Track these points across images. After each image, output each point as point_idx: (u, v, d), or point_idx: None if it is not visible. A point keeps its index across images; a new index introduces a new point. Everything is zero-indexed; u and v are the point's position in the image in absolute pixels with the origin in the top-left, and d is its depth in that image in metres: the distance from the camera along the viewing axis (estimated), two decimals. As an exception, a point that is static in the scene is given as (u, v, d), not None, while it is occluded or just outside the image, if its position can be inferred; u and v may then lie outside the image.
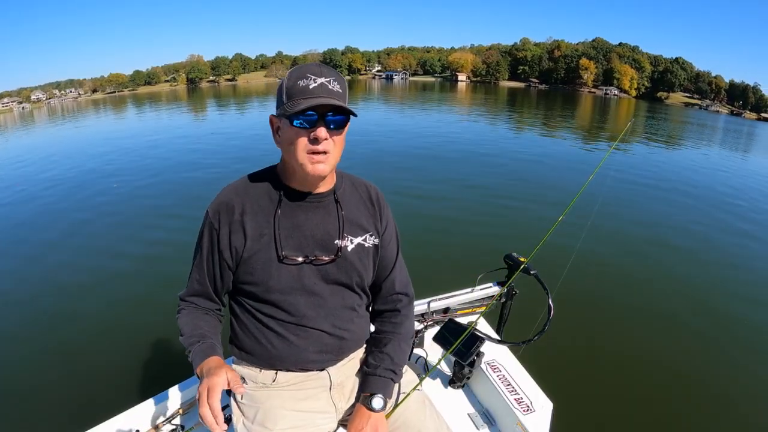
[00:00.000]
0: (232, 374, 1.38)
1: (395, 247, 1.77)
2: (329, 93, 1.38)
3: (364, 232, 1.63)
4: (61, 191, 11.15)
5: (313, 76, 1.37)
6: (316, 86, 1.36)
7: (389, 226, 1.73)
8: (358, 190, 1.68)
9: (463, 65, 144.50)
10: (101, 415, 2.03)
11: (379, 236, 1.68)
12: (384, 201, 1.74)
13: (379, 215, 1.70)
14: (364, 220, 1.65)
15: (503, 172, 12.79)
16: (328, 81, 1.38)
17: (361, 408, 1.59)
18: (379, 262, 1.71)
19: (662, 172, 14.34)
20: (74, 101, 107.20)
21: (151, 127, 27.31)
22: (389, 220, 1.73)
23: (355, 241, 1.60)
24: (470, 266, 1.92)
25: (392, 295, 1.79)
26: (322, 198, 1.56)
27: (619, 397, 3.94)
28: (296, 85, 1.37)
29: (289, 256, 1.51)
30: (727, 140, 33.65)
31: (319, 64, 1.42)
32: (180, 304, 1.65)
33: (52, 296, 5.74)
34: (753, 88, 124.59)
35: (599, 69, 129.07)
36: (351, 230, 1.60)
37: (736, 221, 9.68)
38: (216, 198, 1.55)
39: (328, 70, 1.41)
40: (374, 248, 1.66)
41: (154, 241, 7.48)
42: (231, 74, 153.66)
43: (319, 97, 1.35)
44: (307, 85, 1.36)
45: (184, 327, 1.58)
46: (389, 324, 1.77)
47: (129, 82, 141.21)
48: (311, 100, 1.34)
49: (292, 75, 1.40)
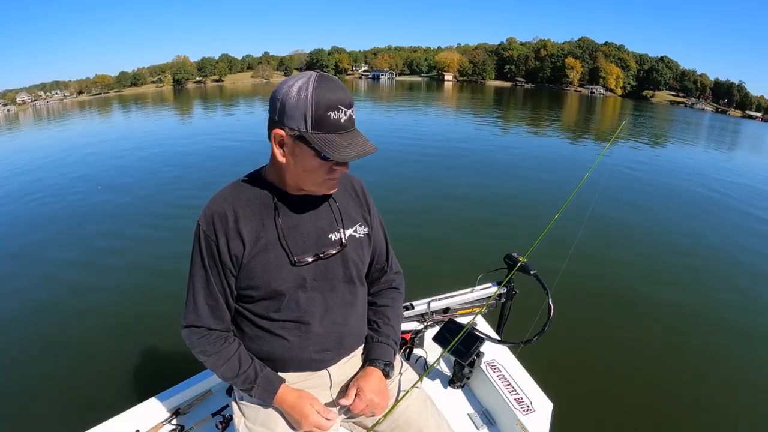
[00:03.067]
0: (319, 405, 1.55)
1: (382, 231, 1.81)
2: (353, 124, 1.37)
3: (354, 223, 1.65)
4: (45, 193, 11.05)
5: (344, 108, 1.32)
6: (347, 119, 1.34)
7: (374, 213, 1.76)
8: (342, 182, 1.67)
9: (450, 65, 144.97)
10: (101, 415, 2.02)
11: (368, 226, 1.69)
12: (366, 190, 1.76)
13: (366, 205, 1.72)
14: (353, 211, 1.66)
15: (500, 171, 12.92)
16: (352, 111, 1.36)
17: (372, 369, 1.64)
18: (372, 249, 1.73)
19: (655, 170, 14.54)
20: (60, 103, 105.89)
21: (137, 129, 27.08)
22: (373, 207, 1.77)
23: (348, 233, 1.60)
24: (470, 266, 1.92)
25: (387, 276, 1.85)
26: (314, 195, 1.54)
27: (619, 397, 3.95)
28: (327, 117, 1.31)
29: (300, 258, 1.50)
30: (718, 138, 34.34)
31: (344, 88, 1.34)
32: (191, 338, 1.55)
33: (51, 297, 5.72)
34: (738, 86, 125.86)
35: (585, 68, 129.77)
36: (345, 222, 1.60)
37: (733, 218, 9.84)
38: (206, 209, 1.50)
39: (350, 95, 1.36)
40: (367, 237, 1.68)
41: (154, 241, 7.49)
42: (217, 75, 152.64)
43: (353, 135, 1.36)
44: (339, 118, 1.32)
45: (221, 366, 1.53)
46: (388, 299, 1.82)
47: (115, 84, 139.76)
48: (350, 142, 1.34)
49: (321, 102, 1.30)
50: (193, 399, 2.21)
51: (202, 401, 2.22)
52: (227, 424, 2.05)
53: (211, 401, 2.24)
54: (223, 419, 2.08)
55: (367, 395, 1.55)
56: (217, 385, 2.31)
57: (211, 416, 2.13)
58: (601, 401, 3.86)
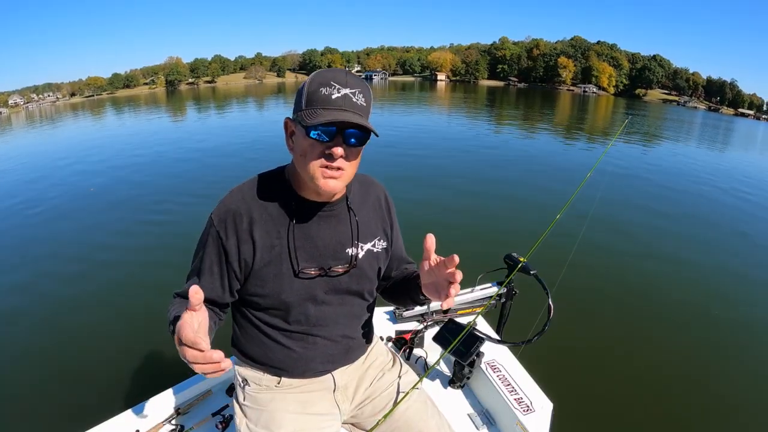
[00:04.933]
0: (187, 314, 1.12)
1: (400, 235, 1.77)
2: (353, 106, 1.26)
3: (373, 238, 1.59)
4: (41, 194, 10.96)
5: (338, 85, 1.24)
6: (339, 97, 1.24)
7: (395, 221, 1.71)
8: (369, 193, 1.63)
9: (443, 65, 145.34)
10: (101, 415, 2.03)
11: (387, 239, 1.65)
12: (390, 200, 1.72)
13: (388, 218, 1.67)
14: (374, 225, 1.61)
15: (500, 171, 12.84)
16: (353, 93, 1.26)
17: None
18: (390, 259, 1.71)
19: (655, 168, 14.56)
20: (52, 105, 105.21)
21: (129, 131, 26.94)
22: (395, 219, 1.71)
23: (365, 248, 1.56)
24: (470, 266, 1.92)
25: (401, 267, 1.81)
26: (335, 206, 1.48)
27: (619, 397, 3.94)
28: (318, 92, 1.24)
29: (304, 270, 1.45)
30: (714, 137, 34.37)
31: (347, 72, 1.29)
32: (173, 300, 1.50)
33: (50, 297, 5.69)
34: (730, 84, 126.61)
35: (578, 67, 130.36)
36: (362, 237, 1.55)
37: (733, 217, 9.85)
38: (221, 203, 1.44)
39: (354, 80, 1.28)
40: (384, 252, 1.64)
41: (154, 241, 7.47)
42: (210, 76, 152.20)
43: (341, 111, 1.24)
44: (330, 94, 1.24)
45: (171, 311, 1.40)
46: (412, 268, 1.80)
47: (107, 86, 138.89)
48: (332, 112, 1.22)
49: (315, 79, 1.27)
50: (193, 399, 2.21)
51: (202, 401, 2.22)
52: (227, 424, 2.05)
53: (211, 401, 2.24)
54: (223, 419, 2.08)
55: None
56: (217, 385, 2.32)
57: (211, 416, 2.13)
58: (601, 401, 3.86)
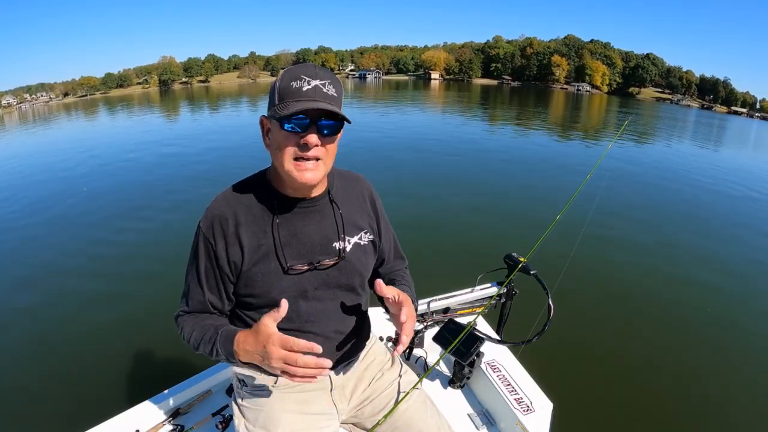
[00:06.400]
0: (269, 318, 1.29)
1: (389, 230, 1.78)
2: (323, 96, 1.31)
3: (359, 230, 1.61)
4: (34, 196, 10.98)
5: (308, 78, 1.30)
6: (310, 89, 1.29)
7: (383, 219, 1.73)
8: (351, 187, 1.65)
9: (437, 63, 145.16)
10: (101, 415, 2.03)
11: (373, 232, 1.66)
12: (375, 192, 1.73)
13: (373, 211, 1.69)
14: (359, 218, 1.62)
15: (499, 171, 12.96)
16: (323, 84, 1.31)
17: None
18: (379, 254, 1.72)
19: (654, 168, 14.70)
20: (45, 105, 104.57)
21: (123, 131, 26.90)
22: (382, 213, 1.73)
23: (352, 241, 1.57)
24: (470, 266, 1.91)
25: (391, 263, 1.83)
26: (317, 201, 1.51)
27: (618, 397, 3.97)
28: (289, 86, 1.30)
29: (293, 266, 1.46)
30: (708, 135, 34.67)
31: (315, 66, 1.34)
32: (178, 321, 1.53)
33: (50, 297, 5.71)
34: (723, 82, 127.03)
35: (571, 66, 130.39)
36: (348, 230, 1.56)
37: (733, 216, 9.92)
38: (207, 211, 1.47)
39: (323, 72, 1.34)
40: (371, 245, 1.65)
41: (153, 240, 7.51)
42: (204, 75, 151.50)
43: (313, 101, 1.29)
44: (301, 87, 1.29)
45: (193, 332, 1.46)
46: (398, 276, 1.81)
47: (101, 85, 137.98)
48: (303, 103, 1.27)
49: (286, 75, 1.32)
50: (193, 399, 2.22)
51: (202, 401, 2.23)
52: (227, 424, 2.06)
53: (211, 401, 2.24)
54: (223, 419, 2.08)
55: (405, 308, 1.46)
56: (217, 385, 2.32)
57: (211, 416, 2.13)
58: (601, 401, 3.87)
